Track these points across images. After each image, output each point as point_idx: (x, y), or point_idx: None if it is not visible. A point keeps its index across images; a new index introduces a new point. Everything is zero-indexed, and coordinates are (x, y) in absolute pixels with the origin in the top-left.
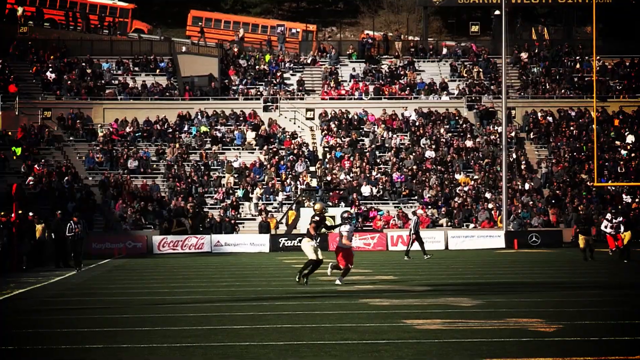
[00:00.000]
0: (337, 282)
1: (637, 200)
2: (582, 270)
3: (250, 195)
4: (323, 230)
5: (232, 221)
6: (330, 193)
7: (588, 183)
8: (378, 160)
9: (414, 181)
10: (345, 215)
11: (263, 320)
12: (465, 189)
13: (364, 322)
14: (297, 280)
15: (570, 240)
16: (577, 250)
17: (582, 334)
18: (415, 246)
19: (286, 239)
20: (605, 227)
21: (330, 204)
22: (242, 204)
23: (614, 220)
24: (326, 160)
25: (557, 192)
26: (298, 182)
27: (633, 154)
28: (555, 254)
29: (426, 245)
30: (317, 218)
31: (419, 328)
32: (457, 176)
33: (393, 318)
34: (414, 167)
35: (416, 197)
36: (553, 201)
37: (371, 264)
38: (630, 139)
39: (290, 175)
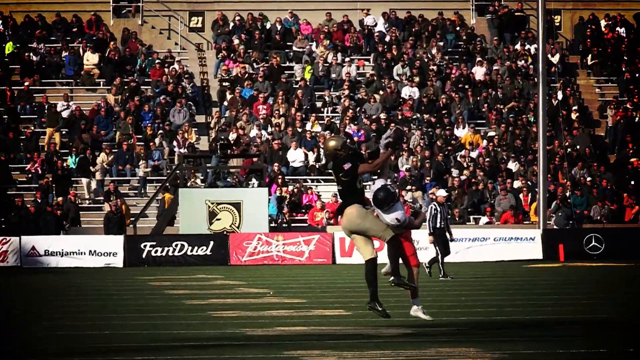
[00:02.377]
0: (421, 314)
1: None
2: None
3: (91, 167)
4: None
5: (58, 212)
6: (233, 162)
7: None
8: (318, 105)
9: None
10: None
11: None
12: (474, 154)
13: None
14: (378, 310)
15: None
16: None
17: None
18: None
19: (154, 243)
20: None
21: (231, 181)
22: (76, 181)
23: None
24: (225, 103)
25: (635, 160)
26: (175, 144)
27: None
28: (634, 270)
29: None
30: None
31: None
32: (458, 132)
33: None
34: (383, 116)
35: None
36: (628, 177)
37: (306, 287)
38: None
39: (161, 132)
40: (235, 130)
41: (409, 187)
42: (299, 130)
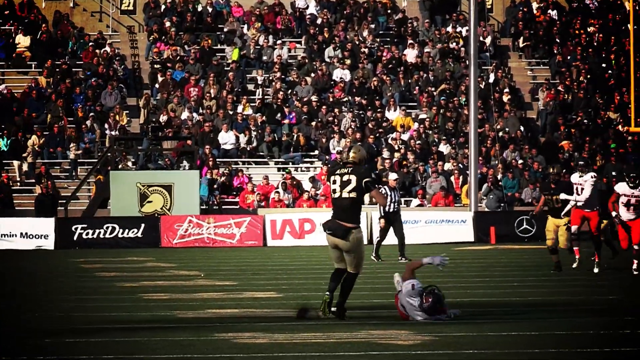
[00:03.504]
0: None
1: None
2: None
3: (23, 149)
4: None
5: None
6: (164, 144)
7: (619, 127)
8: (250, 88)
9: (315, 124)
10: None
11: None
12: (405, 136)
13: None
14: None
15: (600, 226)
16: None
17: None
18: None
19: (85, 225)
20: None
21: (162, 163)
22: (8, 164)
23: (634, 194)
24: (157, 86)
25: (567, 143)
26: (107, 126)
27: None
28: (562, 252)
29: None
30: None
31: None
32: (389, 114)
33: None
34: (314, 98)
35: (318, 152)
36: (560, 156)
37: (237, 269)
38: None
39: (92, 115)
40: (166, 112)
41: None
42: (230, 112)
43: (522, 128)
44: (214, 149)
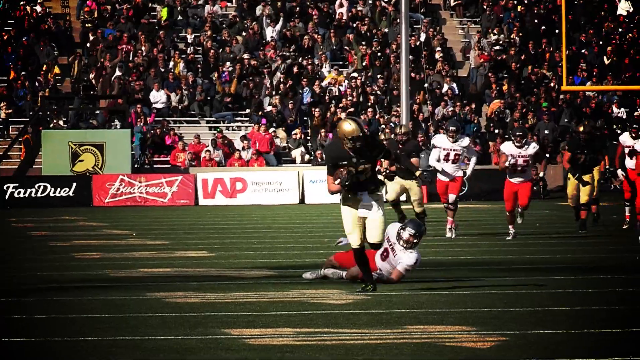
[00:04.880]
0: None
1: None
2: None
3: None
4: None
5: None
6: (96, 103)
7: (552, 84)
8: (181, 47)
9: (246, 82)
10: None
11: None
12: (337, 89)
13: (157, 333)
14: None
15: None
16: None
17: (537, 350)
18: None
19: (17, 184)
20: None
21: (93, 122)
22: None
23: (520, 154)
24: (88, 44)
25: (498, 102)
26: (38, 85)
27: (628, 36)
28: (498, 212)
29: (268, 195)
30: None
31: (253, 343)
32: (322, 71)
33: (207, 326)
34: (246, 56)
35: (249, 111)
36: (493, 117)
37: (169, 228)
38: (624, 6)
39: (24, 73)
40: (96, 71)
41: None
42: (162, 70)
43: (454, 85)
44: (145, 108)
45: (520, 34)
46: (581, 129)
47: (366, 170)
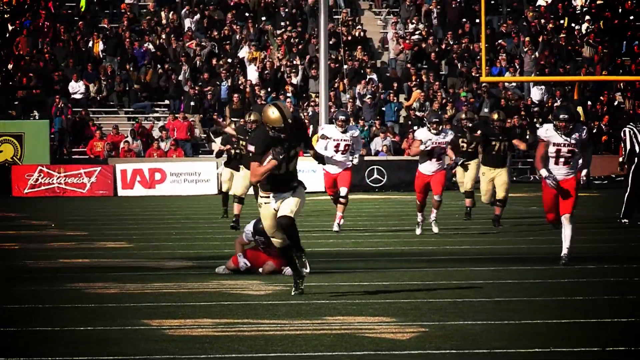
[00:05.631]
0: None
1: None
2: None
3: None
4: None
5: None
6: (13, 94)
7: (472, 73)
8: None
9: (166, 68)
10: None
11: None
12: (252, 69)
13: (76, 324)
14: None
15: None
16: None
17: (457, 341)
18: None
19: None
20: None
21: (12, 112)
22: None
23: (437, 140)
24: (7, 35)
25: (417, 92)
26: None
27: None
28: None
29: (186, 186)
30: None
31: (173, 334)
32: (240, 52)
33: (127, 317)
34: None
35: (168, 102)
36: (413, 106)
37: (88, 219)
38: None
39: None
40: (14, 61)
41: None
42: (80, 60)
43: (374, 76)
44: (64, 98)
45: (440, 24)
46: (495, 116)
47: (295, 157)
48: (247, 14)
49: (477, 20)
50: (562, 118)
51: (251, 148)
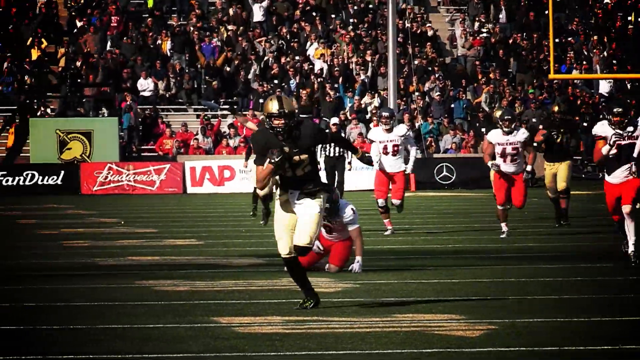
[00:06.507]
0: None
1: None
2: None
3: None
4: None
5: None
6: (84, 91)
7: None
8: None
9: (235, 60)
10: None
11: None
12: (320, 64)
13: (145, 322)
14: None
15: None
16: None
17: (525, 339)
18: None
19: (5, 172)
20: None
21: (81, 110)
22: None
23: (509, 141)
24: (74, 31)
25: (485, 88)
26: (25, 76)
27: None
28: (486, 200)
29: None
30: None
31: (242, 331)
32: (310, 49)
33: (196, 314)
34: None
35: (237, 98)
36: (486, 105)
37: (157, 216)
38: None
39: (8, 53)
40: (83, 59)
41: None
42: (149, 58)
43: (443, 75)
44: (133, 95)
45: (508, 21)
46: (555, 108)
47: (303, 162)
48: (314, 14)
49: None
50: (615, 112)
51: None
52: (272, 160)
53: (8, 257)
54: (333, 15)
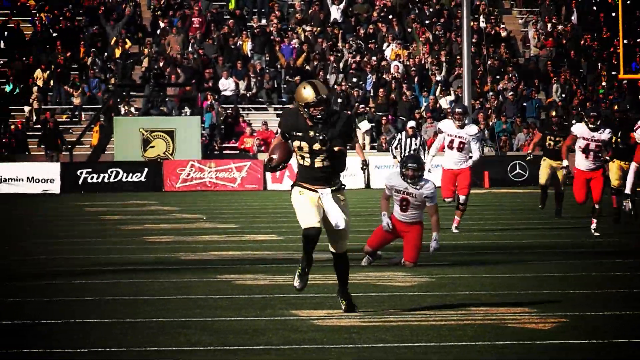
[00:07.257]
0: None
1: None
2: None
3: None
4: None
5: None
6: (167, 91)
7: (612, 72)
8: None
9: (314, 58)
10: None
11: None
12: (396, 66)
13: (227, 315)
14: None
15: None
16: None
17: (596, 332)
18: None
19: (90, 169)
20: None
21: (164, 109)
22: (19, 110)
23: (594, 137)
24: (158, 32)
25: (559, 89)
26: (108, 74)
27: None
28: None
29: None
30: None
31: (320, 324)
32: (387, 50)
33: (276, 307)
34: (313, 30)
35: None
36: (560, 103)
37: (238, 212)
38: None
39: (93, 51)
40: (165, 60)
41: None
42: (230, 58)
43: (516, 75)
44: (215, 95)
45: (580, 22)
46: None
47: (323, 153)
48: (390, 16)
49: (613, 14)
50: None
51: None
52: (265, 166)
53: (93, 252)
54: (412, 16)
